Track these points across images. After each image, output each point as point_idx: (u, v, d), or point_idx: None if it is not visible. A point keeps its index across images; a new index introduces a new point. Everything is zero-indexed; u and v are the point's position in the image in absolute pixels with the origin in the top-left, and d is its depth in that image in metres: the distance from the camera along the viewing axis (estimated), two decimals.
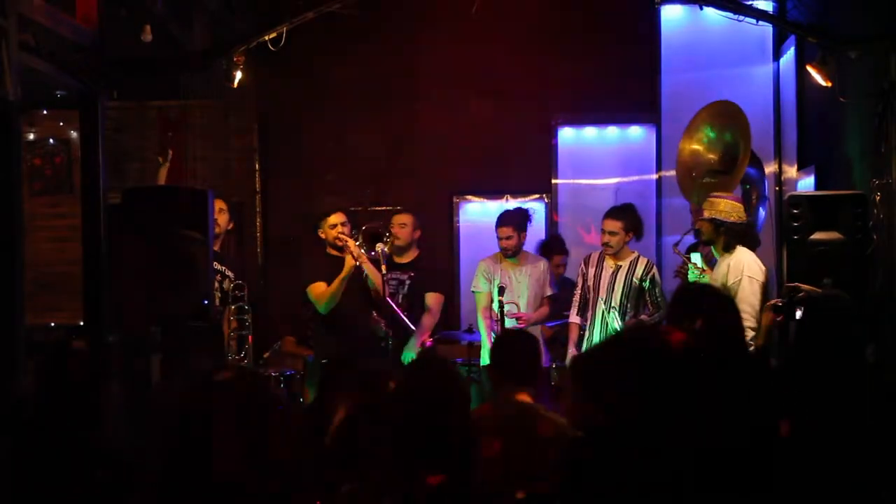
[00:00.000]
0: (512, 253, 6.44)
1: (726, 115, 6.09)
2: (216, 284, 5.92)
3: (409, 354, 6.05)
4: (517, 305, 6.38)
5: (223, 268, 6.06)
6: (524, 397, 3.74)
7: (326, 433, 3.15)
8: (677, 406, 2.06)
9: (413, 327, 6.13)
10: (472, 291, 6.60)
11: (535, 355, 3.97)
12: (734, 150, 5.96)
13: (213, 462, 2.21)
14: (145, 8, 5.97)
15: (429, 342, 6.22)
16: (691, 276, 5.58)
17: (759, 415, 2.74)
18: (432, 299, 6.36)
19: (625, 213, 6.24)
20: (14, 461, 2.71)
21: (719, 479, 2.41)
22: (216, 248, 6.12)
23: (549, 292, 6.50)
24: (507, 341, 4.18)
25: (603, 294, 6.21)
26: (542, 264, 6.55)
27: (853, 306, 3.94)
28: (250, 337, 6.02)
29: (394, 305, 6.07)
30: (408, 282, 6.37)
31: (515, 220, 6.47)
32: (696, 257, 5.59)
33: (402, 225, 6.45)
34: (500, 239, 6.43)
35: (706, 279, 5.43)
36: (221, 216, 6.16)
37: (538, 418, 3.66)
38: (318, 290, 5.85)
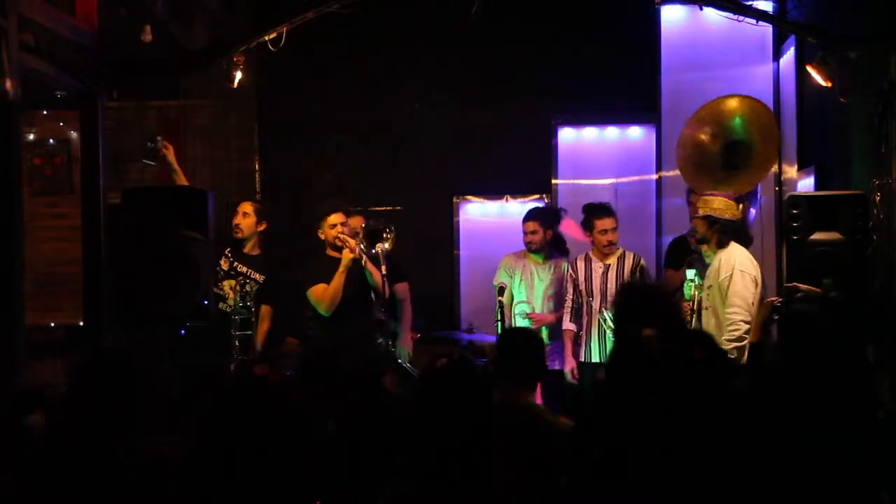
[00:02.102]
0: (536, 248, 6.44)
1: (756, 113, 6.09)
2: (238, 287, 5.93)
3: (403, 351, 6.10)
4: (531, 305, 6.37)
5: (247, 270, 6.07)
6: (527, 398, 3.71)
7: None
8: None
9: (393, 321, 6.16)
10: (493, 285, 6.59)
11: (539, 355, 3.90)
12: (746, 148, 5.98)
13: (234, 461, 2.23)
14: (145, 8, 5.96)
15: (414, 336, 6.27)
16: (686, 292, 5.58)
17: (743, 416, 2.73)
18: (402, 289, 6.35)
19: (614, 209, 6.28)
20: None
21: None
22: (246, 250, 6.16)
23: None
24: (510, 340, 4.10)
25: (596, 296, 6.22)
26: (564, 264, 6.55)
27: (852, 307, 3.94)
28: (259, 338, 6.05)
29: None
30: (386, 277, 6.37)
31: (542, 216, 6.50)
32: (690, 273, 5.60)
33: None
34: (525, 234, 6.46)
35: (701, 294, 5.44)
36: (246, 220, 6.18)
37: (540, 420, 3.63)
38: (319, 292, 5.85)
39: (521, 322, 6.20)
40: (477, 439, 2.65)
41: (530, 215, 6.52)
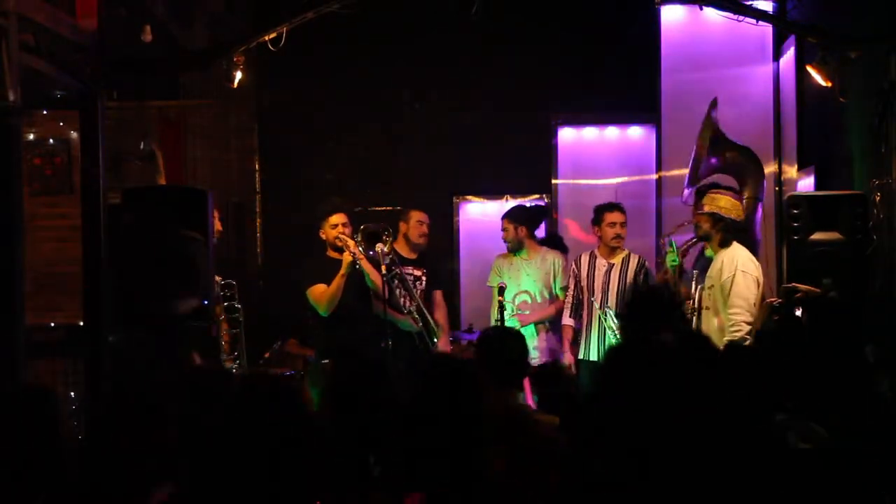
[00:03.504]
0: (512, 247, 6.47)
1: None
2: None
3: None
4: (513, 306, 6.38)
5: None
6: (514, 397, 3.64)
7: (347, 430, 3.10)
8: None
9: (433, 322, 6.21)
10: (489, 286, 6.62)
11: (521, 352, 3.80)
12: None
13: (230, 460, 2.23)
14: (145, 8, 5.96)
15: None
16: (669, 260, 5.66)
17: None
18: (439, 296, 6.45)
19: (622, 206, 6.32)
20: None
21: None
22: None
23: (563, 284, 6.49)
24: (491, 340, 3.93)
25: (598, 294, 6.22)
26: (552, 257, 6.55)
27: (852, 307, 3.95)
28: (241, 334, 6.03)
29: (420, 302, 6.17)
30: (423, 277, 6.40)
31: (511, 213, 6.54)
32: (670, 243, 5.72)
33: (421, 222, 6.47)
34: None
35: (675, 261, 5.57)
36: None
37: (528, 420, 3.59)
38: (318, 292, 5.84)
39: (510, 323, 6.22)
40: (469, 436, 2.66)
41: (503, 214, 6.61)
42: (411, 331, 6.12)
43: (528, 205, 6.85)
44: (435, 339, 6.21)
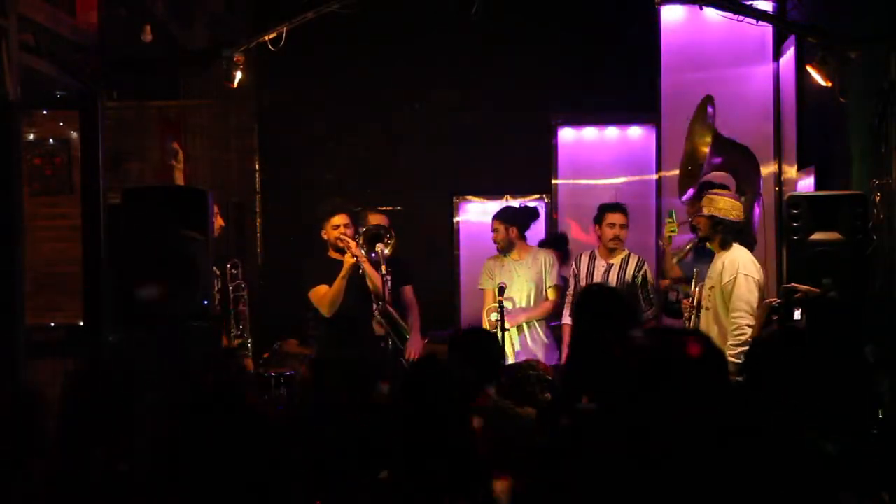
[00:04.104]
0: (502, 248, 6.46)
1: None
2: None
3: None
4: (511, 302, 6.37)
5: None
6: (489, 395, 3.70)
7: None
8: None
9: (403, 323, 6.16)
10: (480, 289, 6.61)
11: (493, 350, 3.96)
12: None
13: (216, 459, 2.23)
14: (145, 8, 5.97)
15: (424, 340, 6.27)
16: (668, 230, 5.77)
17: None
18: (410, 293, 6.35)
19: (625, 207, 6.31)
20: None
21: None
22: None
23: (551, 283, 6.48)
24: (464, 342, 4.07)
25: None
26: (542, 256, 6.52)
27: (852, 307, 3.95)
28: (245, 310, 6.07)
29: (386, 305, 6.10)
30: (388, 278, 6.36)
31: (502, 214, 6.53)
32: (671, 216, 5.74)
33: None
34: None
35: (674, 231, 5.73)
36: None
37: (506, 414, 3.63)
38: (320, 294, 5.83)
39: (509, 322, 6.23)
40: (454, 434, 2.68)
41: (494, 214, 6.58)
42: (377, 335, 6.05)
43: (517, 205, 6.81)
44: (407, 336, 6.17)
